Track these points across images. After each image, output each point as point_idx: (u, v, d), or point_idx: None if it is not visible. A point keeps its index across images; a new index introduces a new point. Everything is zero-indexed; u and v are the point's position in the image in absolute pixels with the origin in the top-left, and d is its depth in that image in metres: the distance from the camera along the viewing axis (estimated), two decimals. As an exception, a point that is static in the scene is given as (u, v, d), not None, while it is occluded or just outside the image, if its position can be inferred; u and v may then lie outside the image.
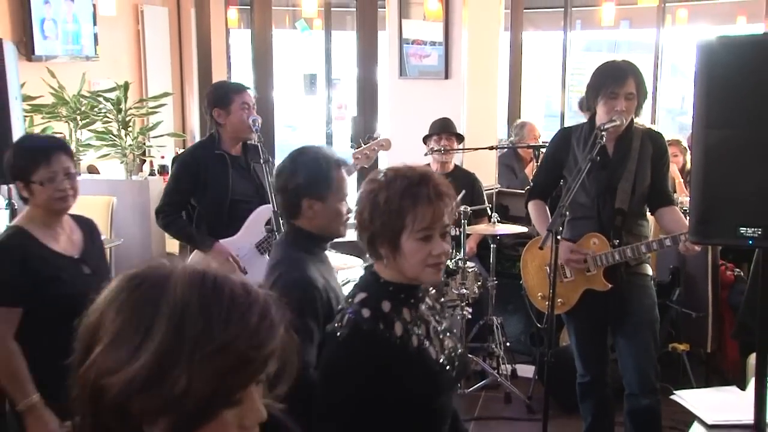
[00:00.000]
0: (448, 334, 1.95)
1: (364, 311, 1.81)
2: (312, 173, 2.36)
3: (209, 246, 3.57)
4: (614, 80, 3.17)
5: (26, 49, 5.55)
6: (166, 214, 3.69)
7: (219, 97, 3.70)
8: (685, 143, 5.33)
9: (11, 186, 3.98)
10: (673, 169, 4.80)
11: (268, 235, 3.55)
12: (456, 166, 5.11)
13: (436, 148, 4.81)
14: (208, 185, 3.65)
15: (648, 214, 3.40)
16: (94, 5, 6.23)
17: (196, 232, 3.66)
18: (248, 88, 3.81)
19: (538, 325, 4.40)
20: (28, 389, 2.40)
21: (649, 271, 3.39)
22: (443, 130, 4.85)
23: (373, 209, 1.80)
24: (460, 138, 4.93)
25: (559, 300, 3.29)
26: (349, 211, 2.37)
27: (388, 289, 1.84)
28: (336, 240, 2.47)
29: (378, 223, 1.79)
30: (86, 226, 2.73)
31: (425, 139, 4.90)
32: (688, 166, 5.05)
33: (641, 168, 3.25)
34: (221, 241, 3.58)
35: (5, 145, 3.16)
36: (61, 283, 2.48)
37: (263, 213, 3.58)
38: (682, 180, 5.14)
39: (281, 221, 3.22)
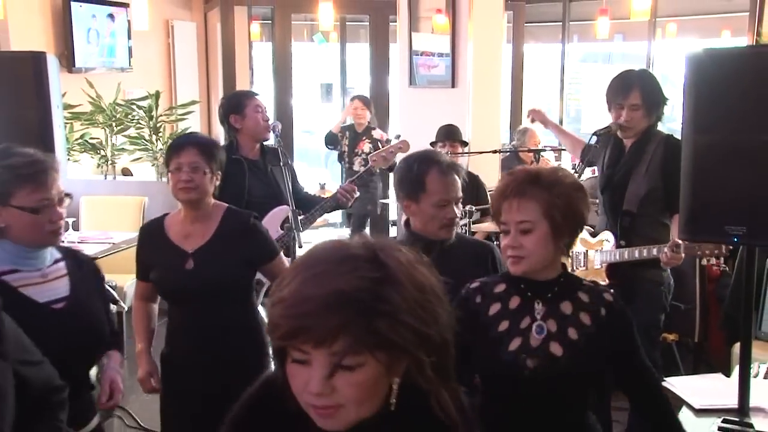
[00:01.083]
0: (555, 340, 1.80)
1: (474, 284, 1.89)
2: (403, 175, 2.36)
3: None
4: (619, 93, 3.15)
5: (67, 61, 5.60)
6: None
7: (233, 104, 3.68)
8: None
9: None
10: None
11: (284, 233, 3.52)
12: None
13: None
14: (225, 189, 3.62)
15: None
16: (128, 21, 6.27)
17: None
18: (257, 94, 3.80)
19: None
20: (139, 338, 2.63)
21: (659, 278, 3.24)
22: (448, 137, 4.84)
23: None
24: (465, 144, 4.93)
25: None
26: (453, 214, 2.33)
27: (509, 277, 1.85)
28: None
29: None
30: (228, 222, 2.61)
31: (432, 145, 4.90)
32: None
33: (651, 172, 3.15)
34: None
35: (49, 149, 3.18)
36: (160, 270, 2.55)
37: (279, 213, 3.56)
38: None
39: (299, 220, 3.23)
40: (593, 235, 3.36)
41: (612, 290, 1.88)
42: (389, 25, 7.20)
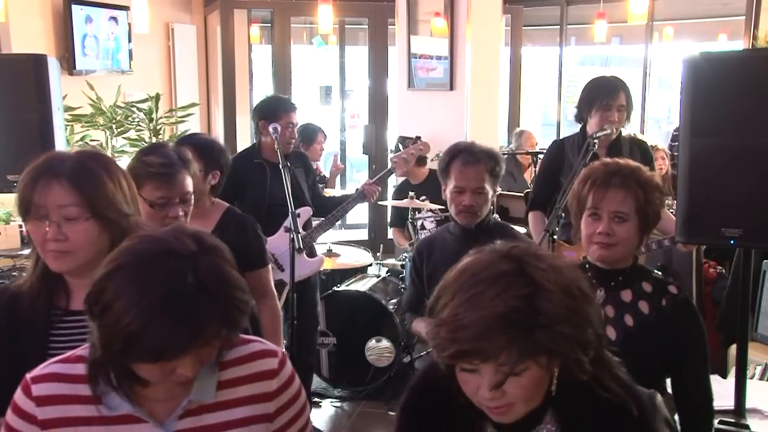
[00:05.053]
0: (610, 324, 1.91)
1: None
2: (439, 164, 2.69)
3: None
4: (608, 93, 3.17)
5: (68, 64, 5.59)
6: None
7: (267, 112, 3.62)
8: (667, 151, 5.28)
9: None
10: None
11: (306, 234, 3.45)
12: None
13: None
14: (248, 192, 3.60)
15: None
16: (129, 24, 6.26)
17: None
18: (294, 108, 3.71)
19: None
20: None
21: None
22: None
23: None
24: None
25: None
26: (469, 201, 2.52)
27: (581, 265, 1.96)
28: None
29: None
30: (227, 221, 2.67)
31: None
32: (671, 171, 5.01)
33: None
34: None
35: (49, 151, 3.17)
36: None
37: (300, 215, 3.52)
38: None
39: (297, 221, 3.20)
40: (568, 242, 3.32)
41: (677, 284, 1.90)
42: (388, 28, 7.20)
